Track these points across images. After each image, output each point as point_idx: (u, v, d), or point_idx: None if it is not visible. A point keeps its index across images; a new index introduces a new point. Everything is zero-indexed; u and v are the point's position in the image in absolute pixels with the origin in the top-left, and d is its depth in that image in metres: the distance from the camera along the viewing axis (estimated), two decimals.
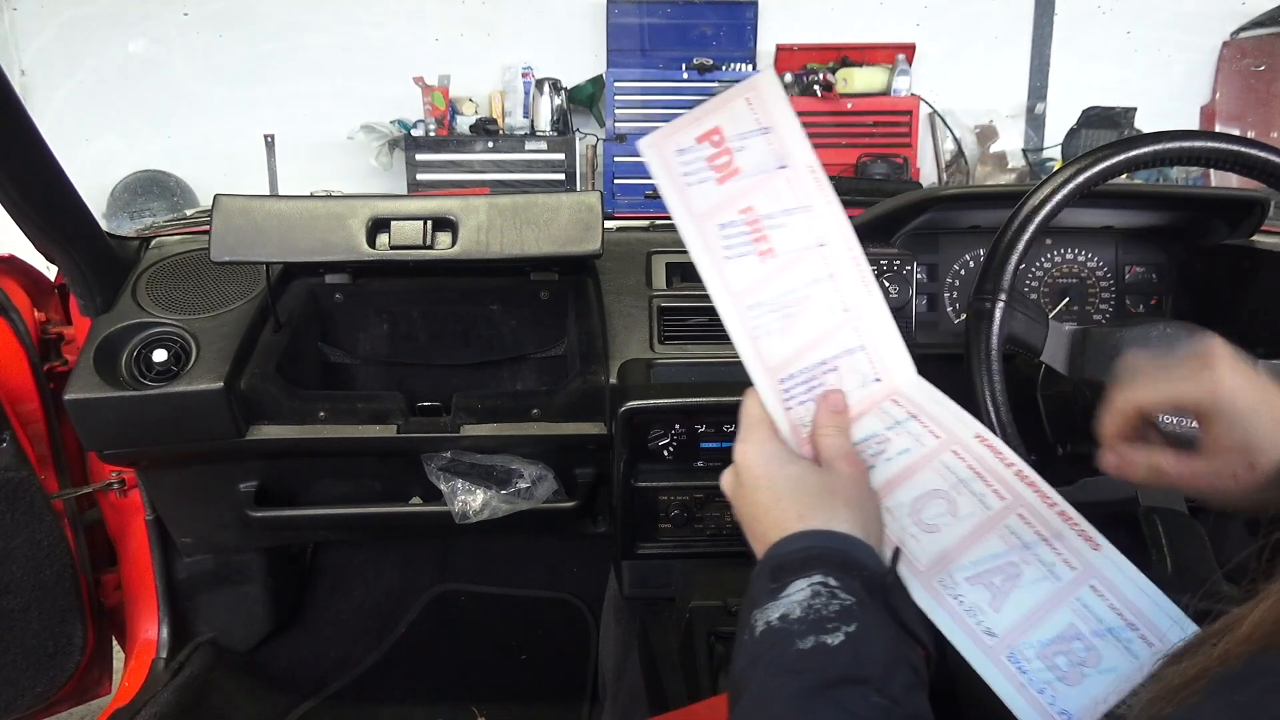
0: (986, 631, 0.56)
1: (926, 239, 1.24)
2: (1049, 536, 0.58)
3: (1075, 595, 0.56)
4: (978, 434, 0.62)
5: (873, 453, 0.63)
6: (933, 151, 4.46)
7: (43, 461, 1.26)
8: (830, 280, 0.63)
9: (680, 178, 0.61)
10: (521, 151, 4.21)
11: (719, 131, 0.62)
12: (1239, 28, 4.39)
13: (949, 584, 0.57)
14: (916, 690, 0.49)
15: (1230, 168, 0.84)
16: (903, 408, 0.64)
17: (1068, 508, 0.59)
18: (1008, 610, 0.56)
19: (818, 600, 0.51)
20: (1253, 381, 0.60)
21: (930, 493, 0.60)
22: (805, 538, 0.55)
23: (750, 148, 0.62)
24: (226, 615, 1.53)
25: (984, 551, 0.58)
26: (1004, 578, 0.57)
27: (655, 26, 4.31)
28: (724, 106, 0.62)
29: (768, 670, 0.50)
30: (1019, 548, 0.58)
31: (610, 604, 1.35)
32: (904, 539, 0.59)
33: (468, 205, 1.10)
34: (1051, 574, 0.57)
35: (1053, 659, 0.55)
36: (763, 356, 0.62)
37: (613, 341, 1.17)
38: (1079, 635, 0.55)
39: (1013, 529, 0.58)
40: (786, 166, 0.62)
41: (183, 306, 1.18)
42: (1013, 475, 0.60)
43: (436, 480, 1.19)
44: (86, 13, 4.22)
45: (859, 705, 0.46)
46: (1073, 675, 0.54)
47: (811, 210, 0.62)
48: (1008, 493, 0.59)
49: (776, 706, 0.48)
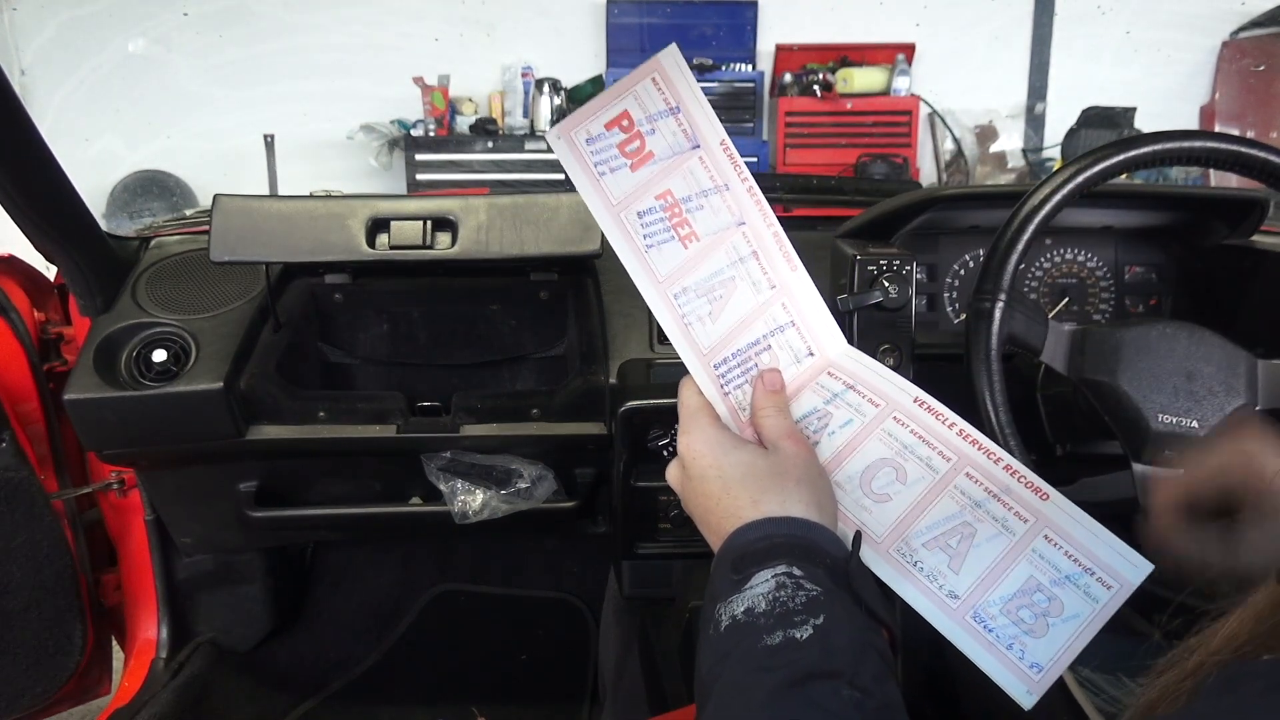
0: (949, 595, 0.56)
1: (926, 239, 1.23)
2: (998, 492, 0.58)
3: (1030, 547, 0.57)
4: (915, 398, 0.63)
5: (815, 429, 0.63)
6: (932, 151, 4.46)
7: (43, 461, 1.26)
8: (754, 258, 0.63)
9: (592, 168, 0.60)
10: (521, 151, 4.21)
11: (627, 115, 0.61)
12: (1239, 28, 4.39)
13: (906, 552, 0.58)
14: (886, 679, 0.49)
15: (1230, 168, 0.84)
16: (839, 379, 0.64)
17: (1012, 461, 0.59)
18: (967, 571, 0.57)
19: (783, 592, 0.51)
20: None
21: (877, 462, 0.60)
22: (764, 525, 0.55)
23: (661, 129, 0.61)
24: (226, 615, 1.53)
25: (937, 515, 0.58)
26: (959, 538, 0.57)
27: (655, 26, 4.31)
28: (630, 89, 0.61)
29: (736, 668, 0.49)
30: (970, 506, 0.58)
31: (610, 604, 1.35)
32: (857, 512, 0.59)
33: (467, 205, 1.10)
34: (1005, 529, 0.57)
35: (1016, 613, 0.55)
36: (695, 343, 0.62)
37: (612, 341, 1.17)
38: (1039, 586, 0.56)
39: (962, 489, 0.59)
40: (699, 146, 0.62)
41: (182, 306, 1.18)
42: (955, 435, 0.60)
43: (436, 480, 1.19)
44: (86, 12, 4.22)
45: (831, 700, 0.46)
46: (1038, 627, 0.55)
47: (729, 189, 0.62)
48: (952, 453, 0.60)
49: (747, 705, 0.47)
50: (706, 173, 0.62)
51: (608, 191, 0.60)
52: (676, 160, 0.61)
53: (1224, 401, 0.83)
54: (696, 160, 0.62)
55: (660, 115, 0.61)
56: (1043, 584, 0.56)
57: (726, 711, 0.48)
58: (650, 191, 0.61)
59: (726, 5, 4.31)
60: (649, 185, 0.61)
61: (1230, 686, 0.37)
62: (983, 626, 0.55)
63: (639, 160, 0.61)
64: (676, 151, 0.61)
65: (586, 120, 0.61)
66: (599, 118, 0.61)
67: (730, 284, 0.62)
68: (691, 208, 0.62)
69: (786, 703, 0.46)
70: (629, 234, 0.61)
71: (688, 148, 0.62)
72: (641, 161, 0.61)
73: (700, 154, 0.62)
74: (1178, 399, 0.84)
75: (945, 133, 4.41)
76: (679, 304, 0.62)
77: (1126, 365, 0.84)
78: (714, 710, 0.49)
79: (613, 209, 0.60)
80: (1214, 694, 0.38)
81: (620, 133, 0.61)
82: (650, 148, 0.61)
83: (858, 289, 0.97)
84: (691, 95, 0.61)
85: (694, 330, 0.62)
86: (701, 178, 0.62)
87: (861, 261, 0.97)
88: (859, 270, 0.97)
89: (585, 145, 0.60)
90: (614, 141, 0.61)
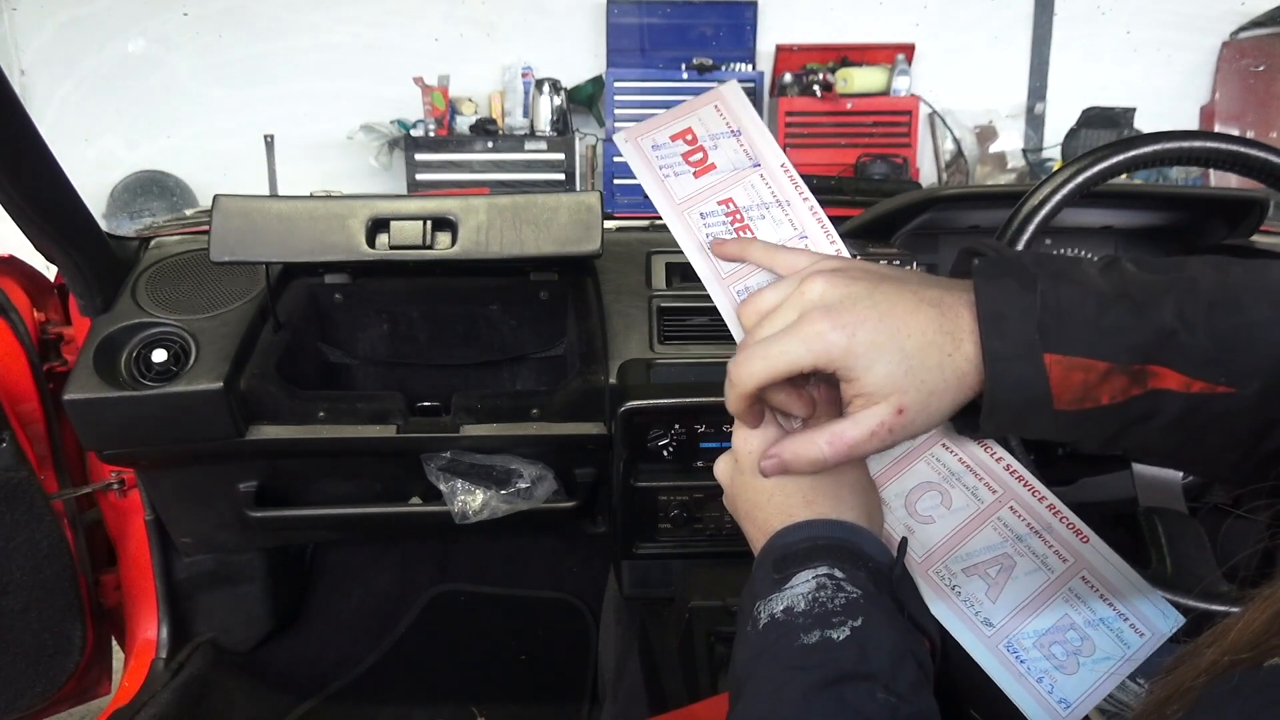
0: (984, 621, 0.57)
1: (926, 239, 1.24)
2: (1040, 529, 0.59)
3: (1067, 586, 0.58)
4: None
5: None
6: (932, 151, 4.47)
7: (42, 462, 1.26)
8: None
9: (658, 169, 0.62)
10: (521, 151, 4.21)
11: (691, 131, 0.63)
12: (1239, 28, 4.39)
13: (945, 575, 0.58)
14: (922, 686, 0.48)
15: (1230, 168, 0.84)
16: None
17: (1055, 501, 0.60)
18: (1004, 601, 0.57)
19: (823, 593, 0.50)
20: (872, 301, 0.50)
21: (923, 484, 0.61)
22: (810, 527, 0.55)
23: (723, 146, 0.63)
24: (226, 615, 1.53)
25: (979, 544, 0.59)
26: (999, 569, 0.58)
27: (655, 26, 4.32)
28: (694, 111, 0.64)
29: (771, 665, 0.49)
30: (1012, 539, 0.59)
31: (610, 604, 1.35)
32: (900, 530, 0.60)
33: (467, 205, 1.10)
34: (1044, 565, 0.58)
35: (1049, 648, 0.56)
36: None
37: (613, 341, 1.17)
38: (1073, 625, 0.57)
39: (1005, 521, 0.60)
40: (760, 165, 0.64)
41: (182, 306, 1.18)
42: (1002, 469, 0.61)
43: (436, 480, 1.19)
44: (86, 13, 4.22)
45: (865, 702, 0.46)
46: (1069, 664, 0.55)
47: (790, 205, 0.63)
48: (998, 486, 0.61)
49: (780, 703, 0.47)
50: (768, 188, 0.63)
51: (671, 191, 0.62)
52: (738, 174, 0.63)
53: None
54: (758, 176, 0.63)
55: (722, 135, 0.64)
56: (1076, 623, 0.57)
57: (758, 707, 0.48)
58: (714, 197, 0.63)
59: (726, 5, 4.31)
60: (712, 191, 0.63)
61: (1234, 694, 0.37)
62: (1015, 657, 0.56)
63: (702, 169, 0.63)
64: (738, 167, 0.63)
65: (652, 130, 0.63)
66: (665, 130, 0.63)
67: None
68: (753, 216, 0.63)
69: (819, 702, 0.46)
70: (691, 230, 0.62)
71: (749, 165, 0.63)
72: (704, 171, 0.63)
73: (761, 171, 0.63)
74: None
75: (945, 133, 4.41)
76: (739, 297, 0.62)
77: None
78: (745, 706, 0.49)
79: (676, 207, 0.62)
80: (1218, 701, 0.38)
81: (685, 144, 0.63)
82: (712, 160, 0.63)
83: None
84: (752, 121, 0.64)
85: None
86: (763, 191, 0.63)
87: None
88: None
89: (651, 150, 0.63)
90: (678, 151, 0.63)
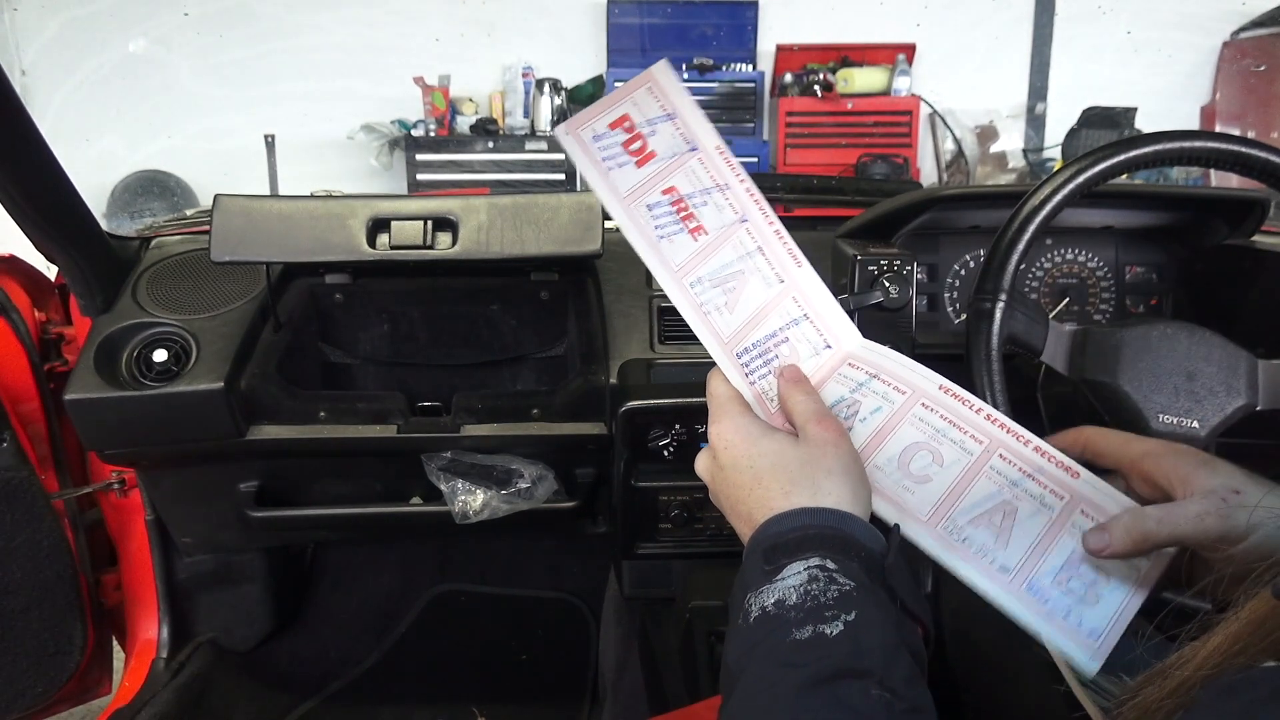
0: (1001, 569, 0.58)
1: (927, 239, 1.23)
2: (1031, 471, 0.61)
3: (1070, 521, 0.59)
4: (940, 385, 0.64)
5: (846, 415, 0.64)
6: (933, 151, 4.46)
7: (43, 461, 1.26)
8: (760, 254, 0.65)
9: (600, 162, 0.63)
10: (521, 151, 4.21)
11: (628, 118, 0.64)
12: (1239, 28, 4.39)
13: (953, 529, 0.59)
14: (917, 680, 0.48)
15: (1230, 168, 0.83)
16: (861, 369, 0.65)
17: (1040, 442, 0.62)
18: (1014, 545, 0.59)
19: (815, 586, 0.50)
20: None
21: (913, 445, 0.62)
22: (798, 515, 0.54)
23: (660, 132, 0.64)
24: (226, 615, 1.53)
25: (978, 494, 0.60)
26: (1002, 515, 0.59)
27: (655, 26, 4.31)
28: (629, 95, 0.65)
29: (763, 661, 0.49)
30: (1007, 485, 0.60)
31: (610, 604, 1.35)
32: (899, 493, 0.60)
33: (468, 205, 1.10)
34: (1043, 505, 0.60)
35: (1066, 584, 0.57)
36: (716, 332, 0.63)
37: (613, 341, 1.17)
38: (1084, 558, 0.58)
39: (997, 469, 0.61)
40: (696, 149, 0.65)
41: (183, 306, 1.18)
42: (983, 420, 0.63)
43: (436, 480, 1.19)
44: (86, 13, 4.22)
45: (859, 699, 0.45)
46: (1090, 595, 0.57)
47: (729, 188, 0.65)
48: (983, 436, 0.62)
49: (773, 700, 0.46)
50: (706, 172, 0.64)
51: (615, 185, 0.62)
52: (677, 160, 0.64)
53: (1224, 401, 0.83)
54: (696, 161, 0.64)
55: (658, 119, 0.64)
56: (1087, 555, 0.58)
57: (752, 704, 0.48)
58: (656, 187, 0.63)
59: (727, 5, 4.31)
60: (654, 181, 0.63)
61: (1231, 693, 0.37)
62: (1038, 598, 0.57)
63: (643, 158, 0.63)
64: (676, 152, 0.64)
65: (591, 120, 0.64)
66: (602, 118, 0.64)
67: (741, 277, 0.64)
68: (696, 203, 0.64)
69: (813, 700, 0.45)
70: (640, 226, 0.62)
71: (686, 149, 0.64)
72: (645, 160, 0.63)
73: (699, 155, 0.64)
74: (1178, 399, 0.84)
75: (945, 133, 4.41)
76: (695, 293, 0.63)
77: (1127, 365, 0.84)
78: (739, 702, 0.49)
79: (622, 201, 0.62)
80: (1214, 701, 0.38)
81: (624, 133, 0.64)
82: (652, 148, 0.64)
83: (858, 289, 0.97)
84: (685, 103, 0.65)
85: (713, 319, 0.63)
86: (703, 176, 0.64)
87: (862, 261, 0.97)
88: (860, 270, 0.97)
89: (592, 142, 0.63)
90: (618, 140, 0.63)
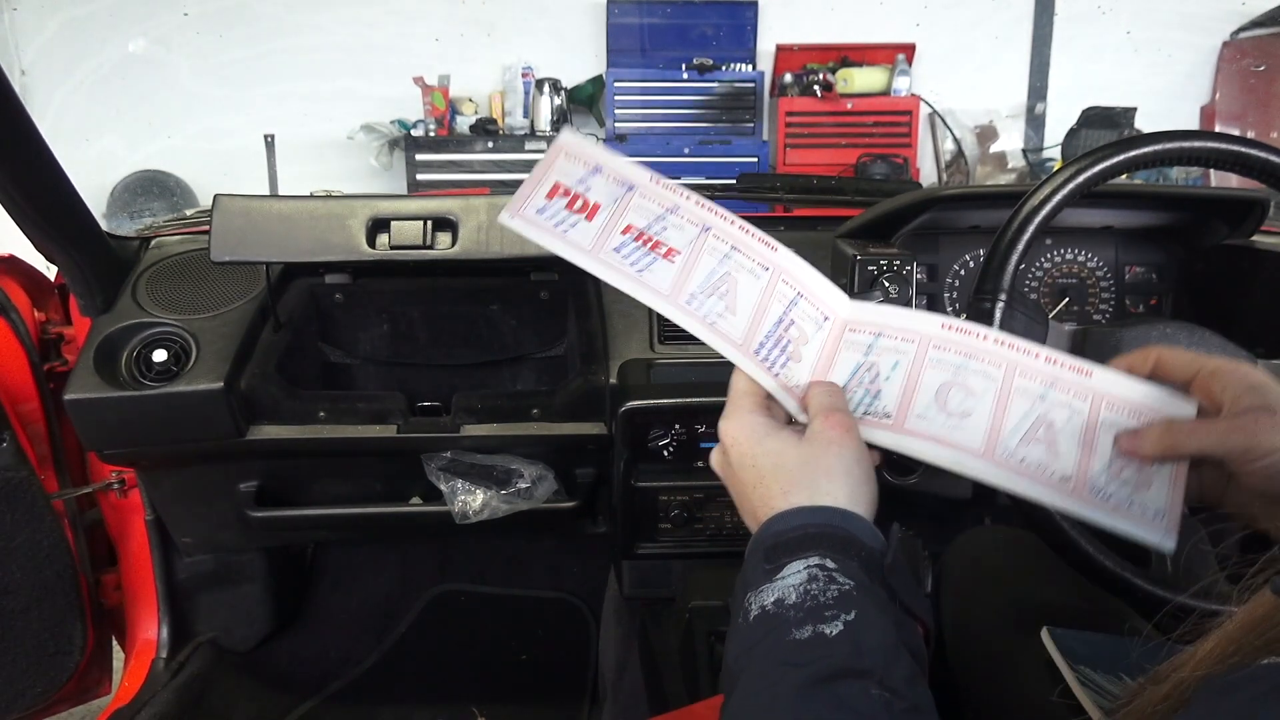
0: (1061, 479, 0.61)
1: (926, 239, 1.23)
2: (1051, 381, 0.63)
3: (1100, 419, 0.62)
4: (942, 323, 0.65)
5: (870, 379, 0.65)
6: (933, 151, 4.46)
7: (43, 461, 1.26)
8: (736, 252, 0.65)
9: (554, 228, 0.63)
10: (521, 151, 4.21)
11: (560, 185, 0.64)
12: (1239, 28, 4.39)
13: (1007, 454, 0.61)
14: (917, 679, 0.48)
15: (1230, 168, 0.83)
16: (864, 331, 0.66)
17: (1047, 350, 0.64)
18: (1064, 453, 0.61)
19: (814, 585, 0.50)
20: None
21: (942, 386, 0.64)
22: (799, 515, 0.54)
23: (594, 185, 0.65)
24: (226, 615, 1.53)
25: (1016, 414, 0.62)
26: (1044, 428, 0.62)
27: (655, 26, 4.31)
28: (549, 167, 0.65)
29: (763, 660, 0.49)
30: (1037, 399, 0.63)
31: (610, 604, 1.35)
32: (950, 433, 0.62)
33: (468, 205, 1.10)
34: (1073, 410, 0.62)
35: (1120, 475, 0.60)
36: (729, 337, 0.63)
37: (613, 341, 1.17)
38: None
39: (1022, 389, 0.63)
40: (634, 187, 0.65)
41: (183, 306, 1.18)
42: (993, 345, 0.64)
43: (436, 480, 1.19)
44: (86, 12, 4.22)
45: (859, 700, 0.45)
46: (1143, 480, 0.60)
47: (679, 209, 0.65)
48: (1000, 360, 0.64)
49: (773, 700, 0.46)
50: (652, 202, 0.65)
51: (577, 242, 0.63)
52: (622, 202, 0.64)
53: None
54: (638, 197, 0.65)
55: (588, 175, 0.65)
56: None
57: (751, 703, 0.48)
58: (615, 229, 0.64)
59: (726, 5, 4.31)
60: (611, 225, 0.64)
61: (1231, 690, 0.37)
62: (1100, 496, 0.60)
63: (590, 212, 0.64)
64: (617, 197, 0.65)
65: (527, 198, 0.64)
66: (538, 192, 0.64)
67: (729, 278, 0.64)
68: (657, 231, 0.64)
69: (813, 700, 0.45)
70: (617, 267, 0.63)
71: (625, 190, 0.65)
72: (593, 213, 0.64)
73: (638, 191, 0.65)
74: None
75: (945, 133, 4.41)
76: (694, 309, 0.63)
77: None
78: (739, 702, 0.49)
79: (589, 253, 0.63)
80: (1214, 699, 0.38)
81: (562, 198, 0.64)
82: (595, 200, 0.64)
83: (858, 289, 0.97)
84: (604, 155, 0.65)
85: (720, 327, 0.63)
86: (651, 207, 0.65)
87: (862, 261, 0.97)
88: (860, 270, 0.97)
89: (537, 215, 0.63)
90: (560, 206, 0.64)
